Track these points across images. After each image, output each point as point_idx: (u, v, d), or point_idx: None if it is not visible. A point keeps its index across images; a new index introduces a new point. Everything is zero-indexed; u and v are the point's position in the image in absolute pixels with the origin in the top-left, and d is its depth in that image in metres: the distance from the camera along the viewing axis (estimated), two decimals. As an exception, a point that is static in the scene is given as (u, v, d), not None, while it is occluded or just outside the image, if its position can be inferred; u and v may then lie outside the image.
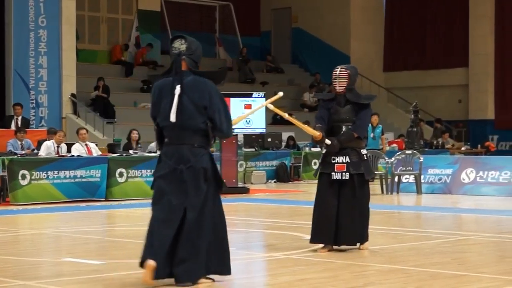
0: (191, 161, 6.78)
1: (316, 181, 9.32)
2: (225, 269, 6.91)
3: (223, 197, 7.47)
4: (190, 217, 6.70)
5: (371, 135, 20.41)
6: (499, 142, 27.23)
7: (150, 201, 7.00)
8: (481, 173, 18.10)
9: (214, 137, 7.01)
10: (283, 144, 24.11)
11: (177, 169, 6.81)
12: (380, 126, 20.91)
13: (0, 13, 21.64)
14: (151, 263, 6.53)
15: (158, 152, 8.11)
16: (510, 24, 27.79)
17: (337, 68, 9.13)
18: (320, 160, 9.38)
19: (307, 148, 23.45)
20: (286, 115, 9.77)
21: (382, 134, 21.29)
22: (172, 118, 6.79)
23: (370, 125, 20.43)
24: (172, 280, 6.65)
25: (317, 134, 9.08)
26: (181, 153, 6.86)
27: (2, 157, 16.30)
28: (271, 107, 9.03)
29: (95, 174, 16.64)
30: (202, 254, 6.71)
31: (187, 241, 6.69)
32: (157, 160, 7.16)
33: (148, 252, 6.69)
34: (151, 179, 17.11)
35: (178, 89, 6.89)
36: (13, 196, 15.45)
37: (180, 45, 7.20)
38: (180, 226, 6.71)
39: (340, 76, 9.10)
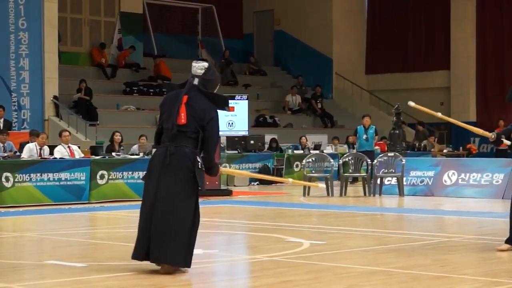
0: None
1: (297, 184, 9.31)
2: None
3: (207, 199, 7.54)
4: None
5: (364, 136, 20.48)
6: (480, 144, 27.34)
7: (129, 203, 7.07)
8: (463, 175, 18.18)
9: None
10: (266, 146, 24.14)
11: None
12: (373, 126, 20.94)
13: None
14: None
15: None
16: (491, 27, 27.95)
17: None
18: None
19: (289, 150, 23.50)
20: (439, 114, 9.57)
21: (376, 134, 21.33)
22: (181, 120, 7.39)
23: (362, 126, 20.56)
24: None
25: (489, 134, 8.92)
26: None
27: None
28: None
29: (80, 177, 16.64)
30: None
31: None
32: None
33: None
34: (132, 181, 17.25)
35: (185, 99, 7.44)
36: (-2, 198, 15.46)
37: (199, 68, 7.64)
38: None
39: None
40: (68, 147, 17.67)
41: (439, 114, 9.74)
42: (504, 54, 27.32)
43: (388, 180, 18.81)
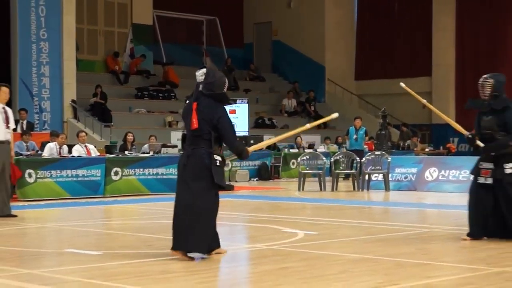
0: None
1: (293, 180, 9.31)
2: None
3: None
4: None
5: (354, 136, 20.51)
6: (459, 144, 27.32)
7: (140, 197, 7.14)
8: (443, 172, 18.19)
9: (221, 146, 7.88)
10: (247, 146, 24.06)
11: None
12: (364, 128, 20.96)
13: (6, 27, 21.61)
14: None
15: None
16: (469, 37, 27.94)
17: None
18: None
19: (286, 149, 23.50)
20: (424, 101, 10.06)
21: (366, 135, 21.34)
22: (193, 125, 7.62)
23: (353, 127, 20.57)
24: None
25: (465, 132, 9.01)
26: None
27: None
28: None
29: (96, 173, 16.64)
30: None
31: None
32: None
33: None
34: (144, 177, 17.25)
35: (194, 105, 7.66)
36: (20, 193, 15.43)
37: (199, 75, 7.84)
38: None
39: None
40: (85, 146, 17.68)
41: (425, 101, 9.76)
42: (481, 63, 27.29)
43: (375, 176, 18.82)
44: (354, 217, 12.85)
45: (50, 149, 17.02)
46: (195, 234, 7.58)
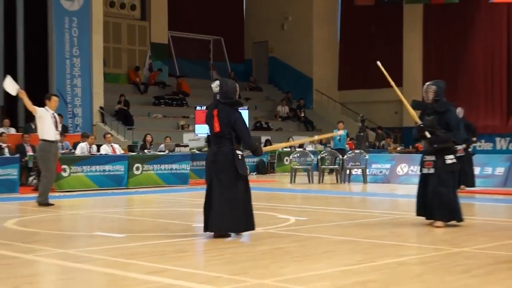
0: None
1: (286, 174, 9.28)
2: None
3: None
4: None
5: (338, 138, 20.54)
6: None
7: (158, 188, 7.11)
8: (412, 167, 18.18)
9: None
10: (262, 145, 24.08)
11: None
12: (346, 130, 21.04)
13: (45, 46, 21.64)
14: None
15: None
16: (434, 56, 27.92)
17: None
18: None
19: (280, 149, 23.49)
20: (394, 87, 9.96)
21: (347, 136, 21.37)
22: (215, 129, 7.89)
23: (337, 130, 20.61)
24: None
25: (418, 121, 8.92)
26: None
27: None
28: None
29: (120, 168, 16.66)
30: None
31: None
32: None
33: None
34: (160, 171, 17.24)
35: (215, 112, 7.90)
36: (57, 185, 15.42)
37: (215, 87, 8.02)
38: None
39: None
40: (111, 146, 17.70)
41: (395, 87, 9.69)
42: (444, 76, 27.22)
43: (355, 171, 18.83)
44: (337, 205, 12.86)
45: (82, 148, 17.04)
46: (227, 217, 7.83)
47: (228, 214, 7.83)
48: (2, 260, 6.65)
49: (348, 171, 18.67)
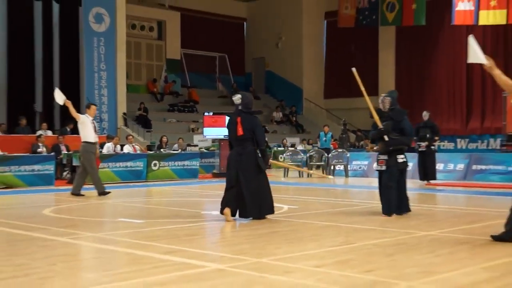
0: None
1: (280, 169, 9.27)
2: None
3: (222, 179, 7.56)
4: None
5: (323, 139, 20.62)
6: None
7: (172, 181, 7.12)
8: (386, 163, 18.18)
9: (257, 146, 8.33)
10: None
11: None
12: (330, 133, 21.10)
13: (76, 61, 21.69)
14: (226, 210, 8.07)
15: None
16: (405, 70, 27.91)
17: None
18: None
19: (275, 148, 23.50)
20: (364, 91, 9.43)
21: (332, 137, 21.41)
22: (239, 132, 8.19)
23: (323, 132, 20.66)
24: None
25: (380, 125, 8.69)
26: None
27: (79, 154, 16.22)
28: None
29: (140, 164, 16.67)
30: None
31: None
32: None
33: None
34: (174, 167, 17.17)
35: (239, 119, 8.22)
36: (87, 179, 15.42)
37: (237, 100, 8.43)
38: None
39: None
40: (132, 145, 17.71)
41: (365, 94, 9.60)
42: (413, 87, 27.29)
43: (338, 167, 18.84)
44: (323, 195, 12.87)
45: (108, 148, 17.04)
46: (255, 205, 8.13)
47: (256, 203, 8.12)
48: (41, 242, 6.66)
49: (332, 167, 18.69)
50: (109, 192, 12.22)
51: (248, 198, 8.05)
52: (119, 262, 5.77)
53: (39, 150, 16.68)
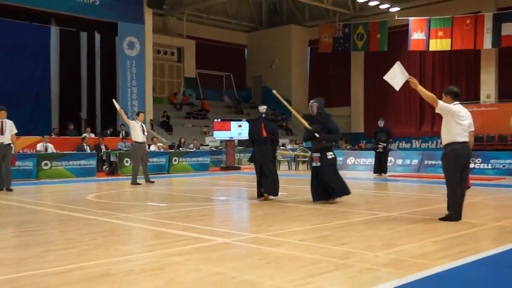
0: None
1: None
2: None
3: (228, 172, 7.54)
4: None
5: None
6: (366, 143, 27.31)
7: (189, 173, 7.09)
8: (357, 159, 18.23)
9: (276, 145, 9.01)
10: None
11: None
12: None
13: (114, 80, 21.62)
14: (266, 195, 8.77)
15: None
16: (372, 86, 27.83)
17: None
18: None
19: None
20: (290, 107, 9.44)
21: None
22: (264, 135, 8.73)
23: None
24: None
25: (308, 126, 8.53)
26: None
27: (115, 151, 16.22)
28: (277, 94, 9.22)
29: (163, 160, 16.63)
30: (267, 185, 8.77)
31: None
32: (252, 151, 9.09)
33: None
34: (191, 162, 17.00)
35: (263, 125, 8.80)
36: (121, 171, 15.42)
37: (262, 109, 9.08)
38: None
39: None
40: (157, 145, 17.67)
41: (290, 107, 9.57)
42: (378, 101, 27.25)
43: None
44: (308, 184, 12.82)
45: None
46: (272, 186, 8.74)
47: (274, 185, 8.75)
48: (84, 221, 6.64)
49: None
50: (139, 184, 12.20)
51: (269, 182, 8.68)
52: (146, 237, 5.75)
53: (84, 149, 16.65)
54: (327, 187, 8.33)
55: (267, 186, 8.72)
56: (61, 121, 20.48)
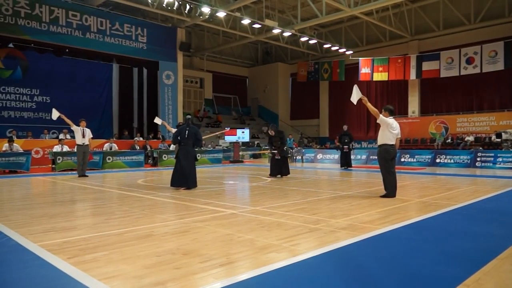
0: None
1: (265, 158, 9.15)
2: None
3: (233, 163, 7.50)
4: None
5: (289, 141, 20.49)
6: (330, 144, 27.23)
7: (206, 165, 7.04)
8: (325, 155, 18.16)
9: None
10: (256, 144, 24.04)
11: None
12: (293, 138, 21.00)
13: (156, 102, 21.48)
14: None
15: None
16: (334, 105, 27.78)
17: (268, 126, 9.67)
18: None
19: (264, 146, 23.35)
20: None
21: (294, 141, 21.26)
22: (186, 136, 7.82)
23: (289, 138, 20.49)
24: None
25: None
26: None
27: (157, 150, 16.12)
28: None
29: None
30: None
31: None
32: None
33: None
34: (209, 157, 16.78)
35: (186, 129, 7.94)
36: (160, 164, 15.32)
37: (187, 117, 8.06)
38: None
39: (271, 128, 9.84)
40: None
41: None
42: (338, 115, 27.20)
43: (298, 157, 18.77)
44: (291, 172, 12.79)
45: (172, 148, 16.85)
46: (186, 180, 7.73)
47: (188, 179, 7.73)
48: (135, 198, 6.58)
49: (295, 157, 18.58)
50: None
51: (185, 174, 7.71)
52: (177, 209, 5.72)
53: (135, 148, 16.56)
54: (283, 169, 9.82)
55: (184, 180, 7.58)
56: (119, 129, 20.43)
